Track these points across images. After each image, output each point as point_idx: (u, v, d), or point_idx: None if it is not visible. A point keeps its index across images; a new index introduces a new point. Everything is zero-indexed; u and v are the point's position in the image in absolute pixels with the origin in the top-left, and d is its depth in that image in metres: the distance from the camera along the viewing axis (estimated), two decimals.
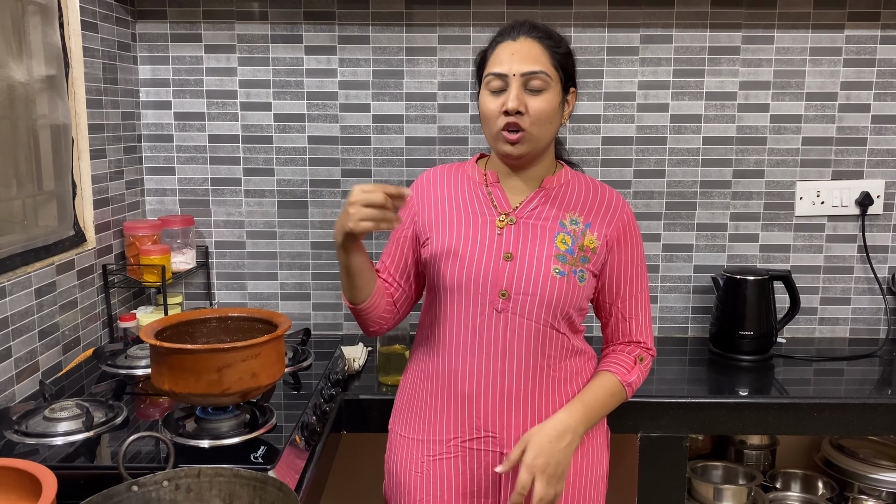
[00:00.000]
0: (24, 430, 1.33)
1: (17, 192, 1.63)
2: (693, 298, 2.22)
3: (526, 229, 1.34)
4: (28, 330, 1.59)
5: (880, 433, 1.84)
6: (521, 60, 1.27)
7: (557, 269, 1.31)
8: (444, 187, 1.42)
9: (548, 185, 1.37)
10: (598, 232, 1.35)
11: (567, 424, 1.29)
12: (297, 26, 2.10)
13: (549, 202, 1.36)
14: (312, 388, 1.60)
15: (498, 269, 1.32)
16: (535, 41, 1.28)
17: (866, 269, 2.19)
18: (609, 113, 2.13)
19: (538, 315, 1.32)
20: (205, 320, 1.43)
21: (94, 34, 1.86)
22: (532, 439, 1.26)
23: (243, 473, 1.08)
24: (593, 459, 1.41)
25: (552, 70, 1.28)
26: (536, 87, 1.27)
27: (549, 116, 1.29)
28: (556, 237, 1.33)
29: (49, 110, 1.72)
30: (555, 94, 1.29)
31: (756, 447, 2.19)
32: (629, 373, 1.38)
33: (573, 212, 1.36)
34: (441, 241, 1.36)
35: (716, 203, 2.17)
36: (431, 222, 1.39)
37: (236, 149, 2.15)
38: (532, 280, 1.31)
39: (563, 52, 1.31)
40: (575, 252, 1.33)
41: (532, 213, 1.35)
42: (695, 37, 2.09)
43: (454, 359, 1.36)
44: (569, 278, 1.32)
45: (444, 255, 1.35)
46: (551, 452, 1.25)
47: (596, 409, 1.35)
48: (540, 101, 1.27)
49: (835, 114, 2.12)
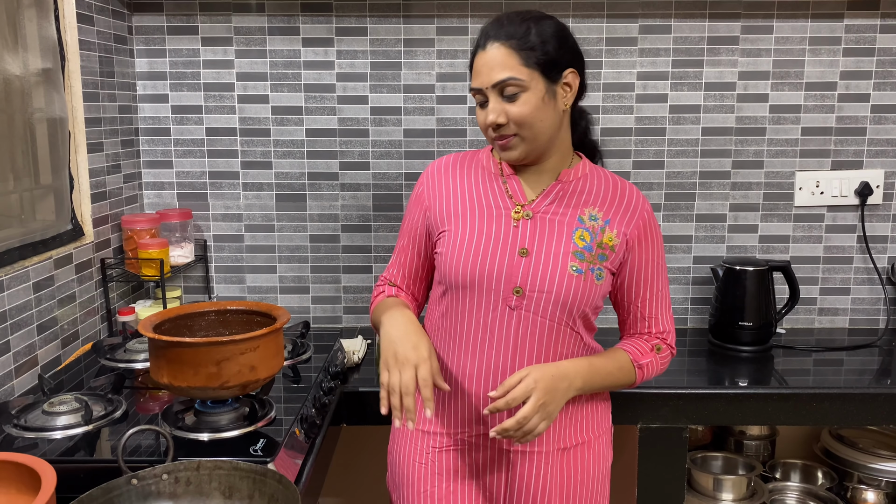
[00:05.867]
0: (24, 424, 1.32)
1: (15, 186, 1.62)
2: (692, 289, 2.22)
3: (543, 224, 1.31)
4: (27, 324, 1.59)
5: (880, 423, 1.84)
6: (490, 71, 1.25)
7: (575, 267, 1.28)
8: (456, 177, 1.39)
9: (565, 179, 1.34)
10: (618, 229, 1.32)
11: (567, 372, 1.26)
12: (295, 18, 2.08)
13: (568, 196, 1.33)
14: (312, 381, 1.60)
15: (513, 266, 1.29)
16: (502, 45, 1.24)
17: (866, 259, 2.18)
18: (608, 104, 2.12)
19: (552, 313, 1.29)
20: (203, 314, 1.43)
21: (90, 27, 1.85)
22: (533, 370, 1.23)
23: (243, 466, 1.08)
24: (599, 458, 1.41)
25: (524, 70, 1.24)
26: (511, 93, 1.24)
27: (532, 118, 1.25)
28: (574, 233, 1.30)
29: (45, 104, 1.71)
30: (534, 92, 1.24)
31: (756, 437, 2.19)
32: (643, 356, 1.37)
33: (592, 207, 1.33)
34: (456, 234, 1.32)
35: (715, 194, 2.17)
36: (445, 214, 1.36)
37: (234, 142, 2.14)
38: (548, 277, 1.28)
39: (537, 45, 1.24)
40: (593, 249, 1.30)
41: (549, 208, 1.32)
42: (694, 27, 2.08)
43: (465, 355, 1.33)
44: (586, 276, 1.28)
45: (458, 249, 1.31)
46: (553, 386, 1.23)
47: (600, 374, 1.32)
48: (517, 106, 1.25)
49: (834, 104, 2.12)
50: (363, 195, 2.17)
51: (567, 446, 1.36)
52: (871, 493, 2.03)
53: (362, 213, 2.18)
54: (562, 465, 1.36)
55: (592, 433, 1.39)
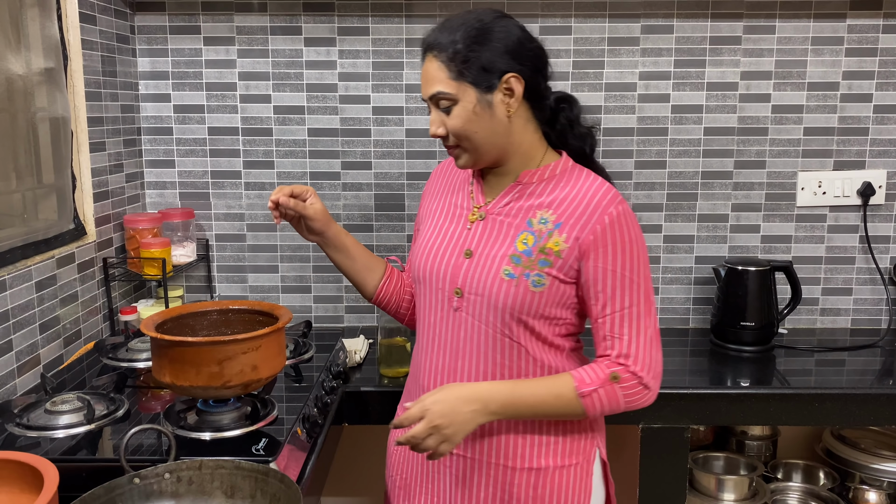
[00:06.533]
0: (26, 423, 1.33)
1: (17, 185, 1.63)
2: (694, 289, 2.22)
3: (492, 226, 1.28)
4: (29, 323, 1.59)
5: (882, 423, 1.84)
6: (425, 84, 1.25)
7: (507, 271, 1.23)
8: (445, 179, 1.42)
9: (525, 180, 1.28)
10: (569, 234, 1.22)
11: (480, 395, 1.20)
12: (297, 18, 2.09)
13: (525, 198, 1.28)
14: (314, 381, 1.60)
15: (457, 267, 1.28)
16: (433, 58, 1.22)
17: (868, 259, 2.18)
18: (610, 104, 2.12)
19: (488, 318, 1.25)
20: (205, 313, 1.43)
21: (92, 26, 1.86)
22: (444, 389, 1.21)
23: (245, 466, 1.08)
24: (573, 488, 1.29)
25: (452, 84, 1.21)
26: (444, 106, 1.23)
27: (465, 130, 1.22)
28: (518, 236, 1.25)
29: (48, 103, 1.71)
30: (465, 104, 1.21)
31: (757, 438, 2.19)
32: (590, 383, 1.20)
33: (547, 209, 1.25)
34: (424, 233, 1.38)
35: (717, 194, 2.17)
36: (426, 213, 1.41)
37: (236, 141, 2.15)
38: (482, 280, 1.25)
39: (466, 55, 1.20)
40: (533, 254, 1.23)
41: (503, 210, 1.29)
42: (696, 26, 2.08)
43: (420, 354, 1.37)
44: (519, 282, 1.22)
45: (420, 248, 1.36)
46: (452, 409, 1.18)
47: (528, 401, 1.21)
48: (452, 118, 1.23)
49: (836, 104, 2.11)
50: (365, 195, 2.17)
51: (530, 466, 1.29)
52: (872, 494, 2.03)
53: (364, 213, 2.18)
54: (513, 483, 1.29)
55: (565, 459, 1.29)
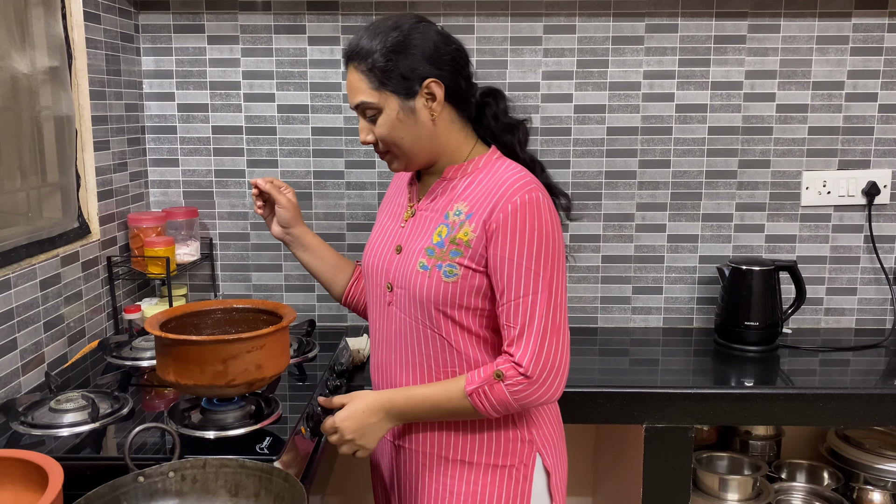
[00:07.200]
0: (31, 421, 1.33)
1: (22, 183, 1.63)
2: (698, 289, 2.21)
3: (419, 222, 1.32)
4: (33, 322, 1.59)
5: (886, 424, 1.84)
6: (350, 93, 1.27)
7: (422, 263, 1.26)
8: (398, 182, 1.47)
9: (449, 175, 1.31)
10: (477, 223, 1.22)
11: (383, 404, 1.26)
12: (300, 16, 2.09)
13: (447, 193, 1.30)
14: (317, 379, 1.60)
15: (389, 262, 1.33)
16: (353, 69, 1.24)
17: (873, 259, 2.18)
18: (614, 103, 2.12)
19: (412, 311, 1.28)
20: (209, 311, 1.43)
21: (96, 25, 1.86)
22: (355, 399, 1.28)
23: (249, 464, 1.08)
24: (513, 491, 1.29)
25: (372, 93, 1.23)
26: (370, 115, 1.26)
27: (391, 137, 1.25)
28: (436, 229, 1.28)
29: (52, 102, 1.71)
30: (389, 112, 1.23)
31: (761, 438, 2.19)
32: (475, 381, 1.20)
33: (462, 202, 1.26)
34: (372, 233, 1.43)
35: (721, 193, 2.16)
36: (378, 215, 1.47)
37: (240, 140, 2.15)
38: (404, 273, 1.29)
39: (384, 65, 1.21)
40: (445, 245, 1.25)
41: (429, 206, 1.32)
42: (700, 26, 2.08)
43: (371, 345, 1.42)
44: (432, 273, 1.24)
45: (366, 246, 1.42)
46: (361, 423, 1.26)
47: (423, 405, 1.25)
48: (378, 126, 1.25)
49: (841, 103, 2.11)
50: (368, 194, 2.17)
51: (463, 459, 1.30)
52: (877, 494, 2.03)
53: (368, 212, 2.18)
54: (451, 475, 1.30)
55: (498, 459, 1.29)
